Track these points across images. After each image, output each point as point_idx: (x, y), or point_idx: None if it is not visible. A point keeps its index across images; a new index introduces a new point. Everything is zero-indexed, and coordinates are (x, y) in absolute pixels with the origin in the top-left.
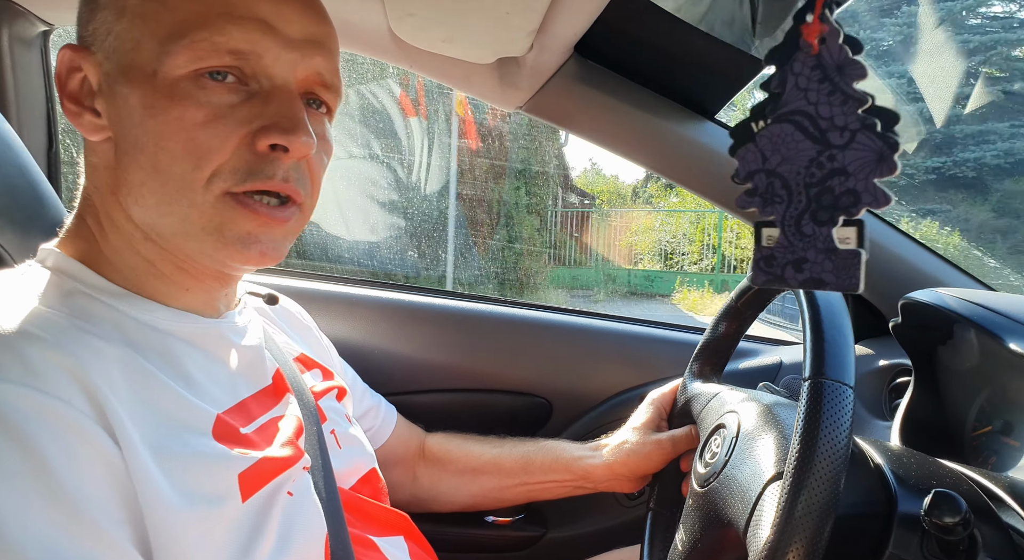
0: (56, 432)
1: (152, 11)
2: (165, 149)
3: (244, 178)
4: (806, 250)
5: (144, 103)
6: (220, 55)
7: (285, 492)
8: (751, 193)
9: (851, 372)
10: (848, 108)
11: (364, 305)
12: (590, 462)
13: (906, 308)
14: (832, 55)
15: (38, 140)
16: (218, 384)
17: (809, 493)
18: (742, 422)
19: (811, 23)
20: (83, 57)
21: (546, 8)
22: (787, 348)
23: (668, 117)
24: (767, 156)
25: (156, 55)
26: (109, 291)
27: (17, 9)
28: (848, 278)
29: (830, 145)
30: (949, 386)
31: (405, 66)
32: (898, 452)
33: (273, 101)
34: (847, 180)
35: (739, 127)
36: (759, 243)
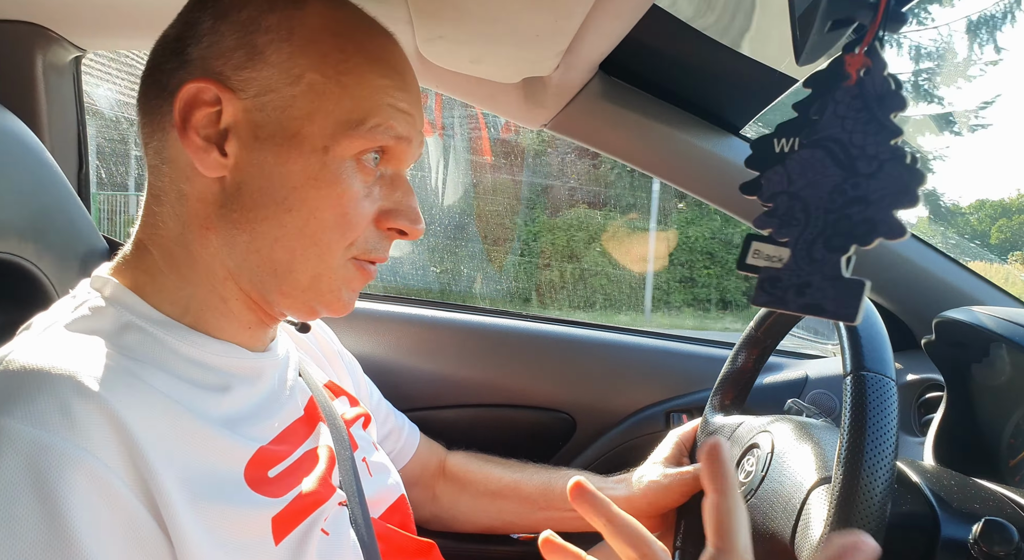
0: (87, 497)
1: (333, 93)
2: (319, 218)
3: (370, 250)
4: (812, 275)
5: (309, 173)
6: (386, 139)
7: (319, 530)
8: (771, 214)
9: (891, 365)
10: (881, 138)
11: (388, 321)
12: (610, 494)
13: (941, 326)
14: (876, 86)
15: (70, 163)
16: (259, 419)
17: (863, 482)
18: (776, 440)
19: (856, 54)
20: (228, 97)
21: (576, 29)
22: (812, 362)
23: (693, 133)
24: (793, 179)
25: (331, 134)
26: (163, 323)
27: (51, 35)
28: (848, 309)
29: (857, 173)
30: (983, 403)
31: (429, 86)
32: (936, 472)
33: (398, 188)
34: (866, 209)
35: (760, 141)
36: (744, 256)
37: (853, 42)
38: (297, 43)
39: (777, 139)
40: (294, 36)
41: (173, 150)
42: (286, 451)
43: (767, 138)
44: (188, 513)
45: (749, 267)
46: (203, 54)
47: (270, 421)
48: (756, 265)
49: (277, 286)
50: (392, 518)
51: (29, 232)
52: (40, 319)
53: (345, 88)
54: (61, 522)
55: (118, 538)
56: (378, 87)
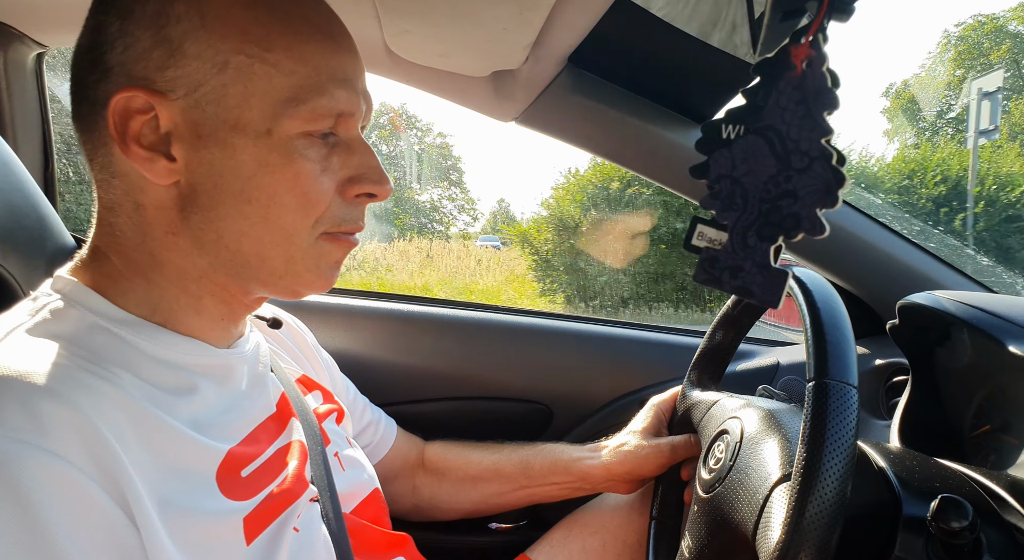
0: (62, 500)
1: (262, 73)
2: (279, 203)
3: (340, 223)
4: (744, 260)
5: (258, 160)
6: (331, 117)
7: (291, 528)
8: (714, 196)
9: (854, 372)
10: (814, 135)
11: (362, 316)
12: (588, 463)
13: (904, 310)
14: (814, 79)
15: (35, 162)
16: (228, 418)
17: (819, 494)
18: (745, 427)
19: (801, 45)
20: (159, 101)
21: (542, 22)
22: (783, 349)
23: (663, 124)
24: (737, 164)
25: (271, 115)
26: (128, 323)
27: (12, 32)
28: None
29: (790, 167)
30: (947, 386)
31: (399, 81)
32: (899, 454)
33: (355, 152)
34: (794, 204)
35: (710, 125)
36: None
37: (799, 32)
38: (212, 27)
39: (725, 124)
40: (207, 20)
41: (121, 164)
42: (258, 450)
43: (716, 123)
44: (157, 517)
45: (693, 247)
46: (121, 60)
47: (241, 420)
48: (699, 246)
49: (254, 276)
50: (365, 512)
51: None
52: (1, 322)
53: (274, 64)
54: (39, 525)
55: (96, 537)
56: (308, 55)
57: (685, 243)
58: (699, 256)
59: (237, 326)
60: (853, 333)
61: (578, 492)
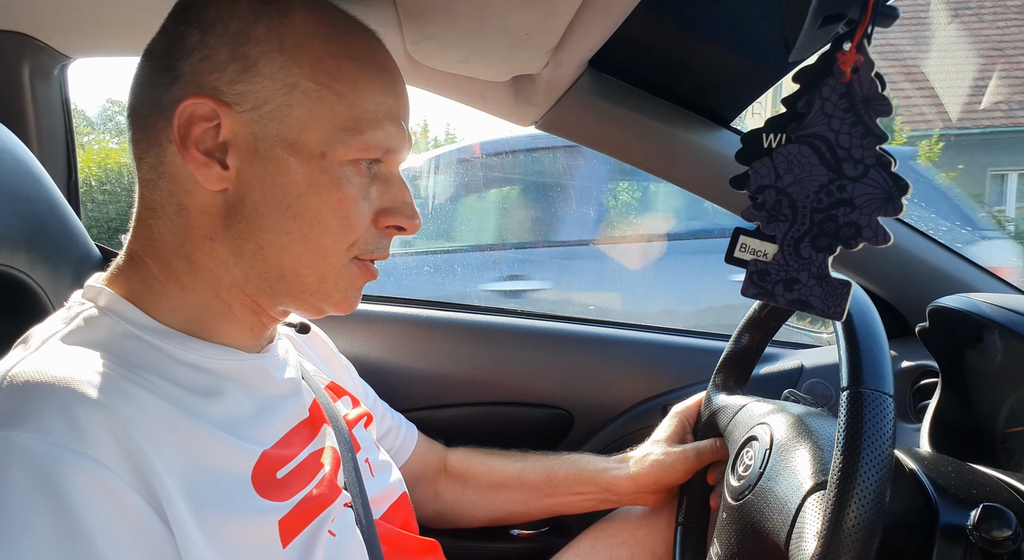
0: (100, 503)
1: (327, 100)
2: (323, 223)
3: (372, 250)
4: (799, 272)
5: (309, 179)
6: (379, 151)
7: (326, 532)
8: (758, 207)
9: (890, 381)
10: (867, 142)
11: (381, 322)
12: (615, 474)
13: (934, 313)
14: (862, 86)
15: (59, 171)
16: (261, 421)
17: (855, 507)
18: (775, 434)
19: (848, 51)
20: (225, 112)
21: (565, 27)
22: (807, 351)
23: (684, 127)
24: (780, 174)
25: (327, 141)
26: (160, 332)
27: (37, 44)
28: (834, 307)
29: (843, 175)
30: (978, 389)
31: (419, 86)
32: (933, 459)
33: (392, 186)
34: (852, 212)
35: (750, 135)
36: (732, 250)
37: (841, 38)
38: (289, 52)
39: (766, 134)
40: (285, 45)
41: (172, 165)
42: (291, 453)
43: (756, 132)
44: (192, 520)
45: (736, 260)
46: (195, 69)
47: (273, 423)
48: (743, 259)
49: (286, 290)
50: (394, 517)
51: (21, 242)
52: (37, 332)
53: (339, 94)
54: (77, 528)
55: (131, 541)
56: (371, 92)
57: (727, 256)
58: (746, 269)
59: (265, 334)
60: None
61: (603, 504)
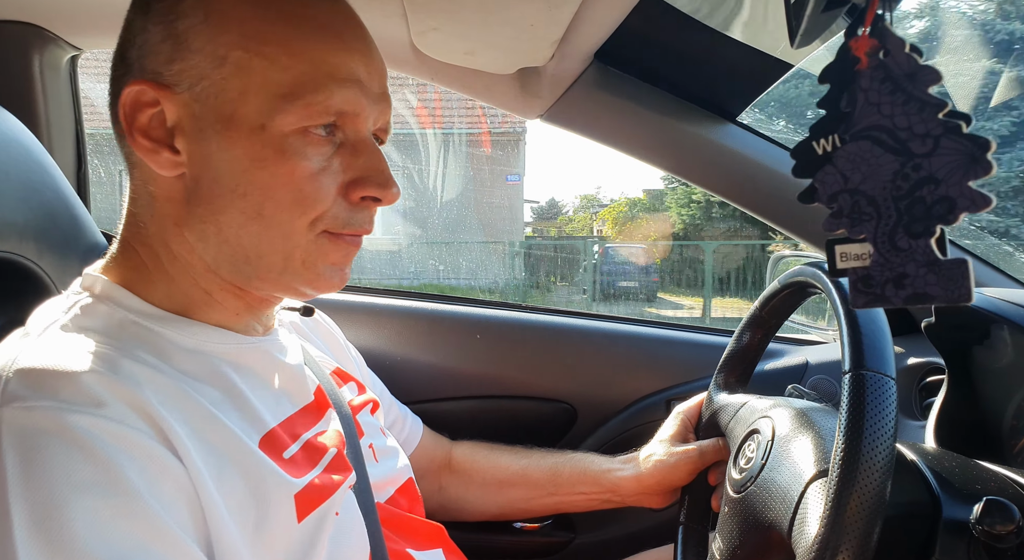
0: (132, 455)
1: (260, 68)
2: (273, 199)
3: (343, 225)
4: (905, 265)
5: (251, 155)
6: (328, 115)
7: (333, 513)
8: (836, 215)
9: (891, 363)
10: (927, 114)
11: (388, 314)
12: (619, 474)
13: (940, 308)
14: (900, 65)
15: (68, 161)
16: (264, 403)
17: (859, 487)
18: (776, 426)
19: (860, 38)
20: (165, 95)
21: (570, 19)
22: (812, 348)
23: (690, 121)
24: (848, 176)
25: (265, 110)
26: (156, 316)
27: (48, 35)
28: (958, 289)
29: (913, 155)
30: (985, 385)
31: (425, 78)
32: (937, 455)
33: (361, 154)
34: (938, 187)
35: (801, 148)
36: (833, 263)
37: (854, 24)
38: (214, 21)
39: (815, 141)
40: (210, 14)
41: (136, 155)
42: (295, 434)
43: (805, 143)
44: (213, 484)
45: (842, 272)
46: (138, 55)
47: (276, 406)
48: (846, 268)
49: (254, 272)
50: (400, 501)
51: (29, 231)
52: (35, 320)
53: (270, 59)
54: (113, 473)
55: (166, 486)
56: (307, 51)
57: (830, 271)
58: (850, 280)
59: (260, 318)
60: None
61: (607, 504)
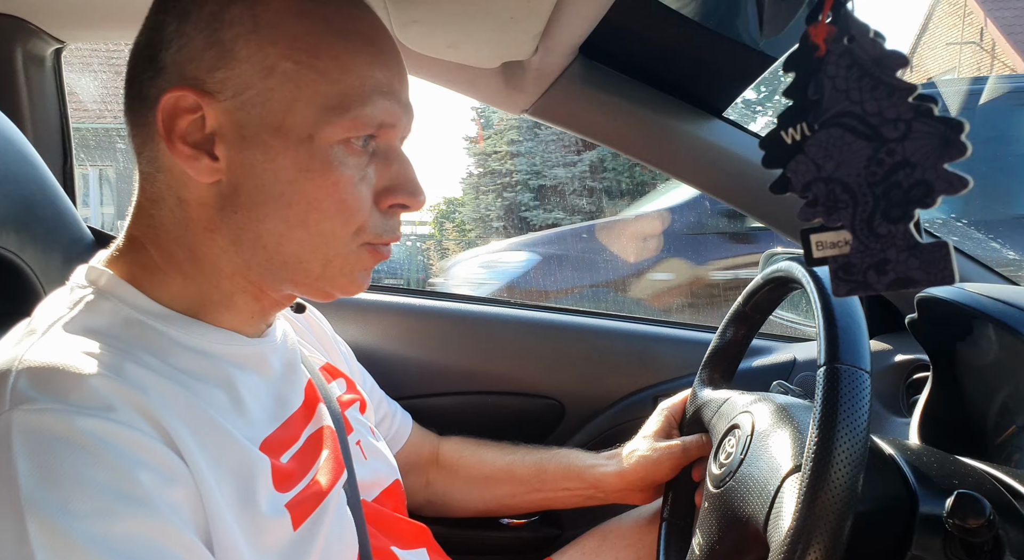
0: (143, 459)
1: (309, 80)
2: (318, 209)
3: (381, 233)
4: (886, 250)
5: (298, 165)
6: (372, 127)
7: (329, 514)
8: (811, 204)
9: (867, 357)
10: (897, 99)
11: (376, 310)
12: (602, 470)
13: (923, 303)
14: (867, 51)
15: (54, 155)
16: (265, 406)
17: (831, 480)
18: (756, 421)
19: (819, 24)
20: (207, 102)
21: (550, 11)
22: (800, 345)
23: (676, 116)
24: (820, 164)
25: (313, 122)
26: (161, 315)
27: (30, 27)
28: (940, 271)
29: (886, 140)
30: (969, 382)
31: (410, 72)
32: (917, 450)
33: (392, 162)
34: (914, 171)
35: (769, 138)
36: (809, 253)
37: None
38: (264, 32)
39: (783, 131)
40: (259, 25)
41: (167, 159)
42: (294, 436)
43: (774, 133)
44: (217, 489)
45: (818, 261)
46: (175, 59)
47: (275, 408)
48: (823, 257)
49: (290, 277)
50: (386, 502)
51: (11, 223)
52: (40, 316)
53: (320, 72)
54: (126, 478)
55: (175, 489)
56: (355, 65)
57: (807, 260)
58: (830, 269)
59: (267, 318)
60: (872, 329)
61: (591, 500)
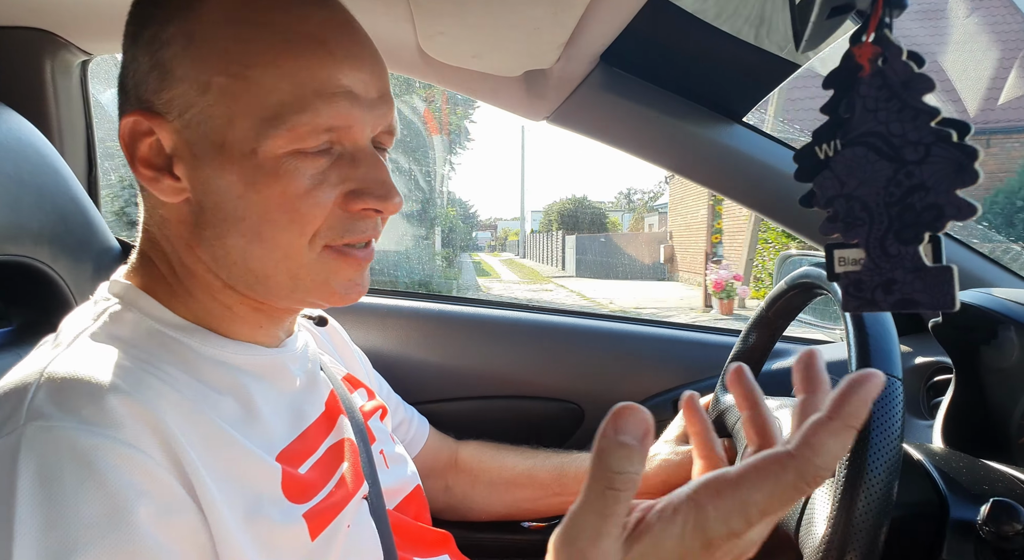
0: (143, 486)
1: (242, 90)
2: (270, 221)
3: (342, 234)
4: (894, 271)
5: (245, 179)
6: (318, 134)
7: (345, 525)
8: (832, 219)
9: (898, 364)
10: (920, 122)
11: (395, 315)
12: None
13: None
14: (897, 73)
15: (79, 165)
16: (283, 418)
17: (866, 489)
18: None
19: (863, 44)
20: (158, 124)
21: (576, 21)
22: (822, 347)
23: (696, 122)
24: (844, 181)
25: (254, 135)
26: (181, 327)
27: (59, 40)
28: (943, 296)
29: (906, 162)
30: (992, 386)
31: (432, 81)
32: (945, 455)
33: (360, 164)
34: (927, 195)
35: (803, 151)
36: (832, 268)
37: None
38: (197, 48)
39: (818, 146)
40: (193, 41)
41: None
42: (312, 447)
43: (808, 147)
44: (227, 510)
45: (839, 276)
46: (132, 84)
47: (295, 418)
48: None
49: (265, 291)
50: (408, 508)
51: (44, 235)
52: (67, 328)
53: (254, 83)
54: (123, 510)
55: (171, 522)
56: (292, 69)
57: (828, 275)
58: (841, 284)
59: (282, 328)
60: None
61: None
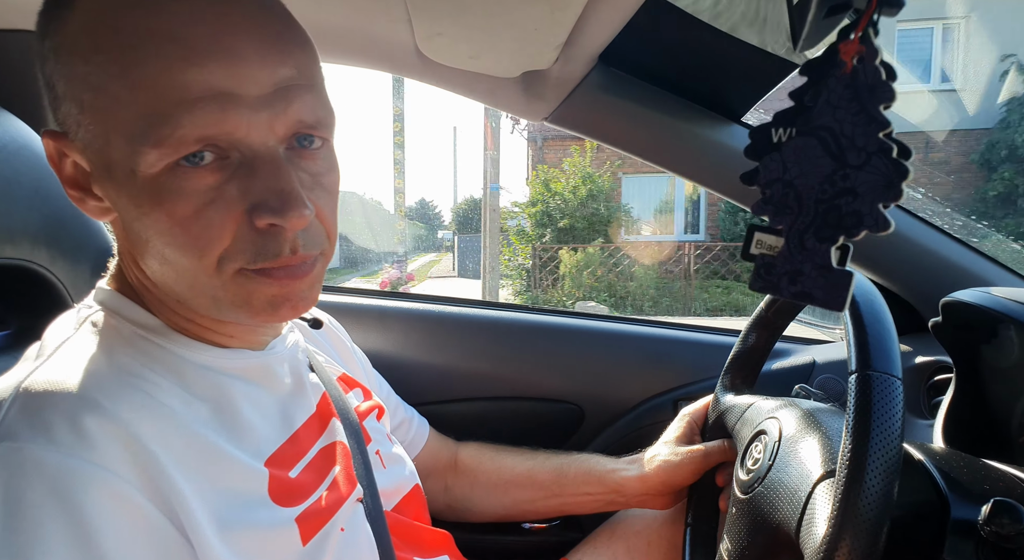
0: (111, 513)
1: (106, 106)
2: (168, 244)
3: (254, 258)
4: (803, 264)
5: (133, 202)
6: (188, 145)
7: (338, 529)
8: (767, 200)
9: (898, 363)
10: (870, 130)
11: (395, 317)
12: (623, 475)
13: (948, 307)
14: (867, 75)
15: None
16: (270, 420)
17: (866, 488)
18: (783, 427)
19: (850, 42)
20: (65, 144)
21: (574, 21)
22: (819, 347)
23: (694, 121)
24: (788, 167)
25: (129, 153)
26: (163, 332)
27: None
28: (835, 297)
29: (847, 164)
30: (993, 385)
31: (429, 82)
32: (945, 454)
33: (258, 173)
34: (854, 201)
35: (759, 131)
36: (748, 246)
37: (848, 28)
38: (63, 63)
39: (775, 128)
40: (60, 55)
41: None
42: (302, 450)
43: (765, 127)
44: (210, 527)
45: (752, 256)
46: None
47: (283, 421)
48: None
49: (196, 308)
50: (407, 508)
51: (42, 238)
52: (49, 337)
53: (113, 96)
54: (90, 540)
55: (143, 547)
56: (147, 79)
57: (743, 253)
58: (755, 263)
59: (262, 332)
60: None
61: (611, 505)
